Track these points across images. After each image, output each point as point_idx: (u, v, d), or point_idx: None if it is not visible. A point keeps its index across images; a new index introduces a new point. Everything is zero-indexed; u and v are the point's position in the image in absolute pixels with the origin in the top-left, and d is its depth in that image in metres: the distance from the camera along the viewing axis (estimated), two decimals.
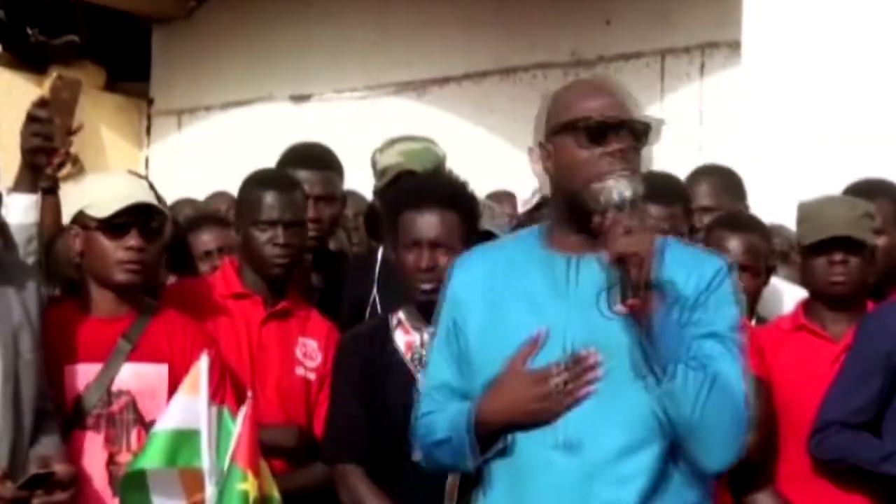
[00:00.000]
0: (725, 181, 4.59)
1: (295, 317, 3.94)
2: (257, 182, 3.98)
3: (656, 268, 2.55)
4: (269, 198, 3.87)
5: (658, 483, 2.60)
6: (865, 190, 4.15)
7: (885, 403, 3.74)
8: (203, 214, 4.97)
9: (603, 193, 2.60)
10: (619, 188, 2.60)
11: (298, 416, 3.86)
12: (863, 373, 3.76)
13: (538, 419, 2.63)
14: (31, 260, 3.65)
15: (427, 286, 3.51)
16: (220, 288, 3.95)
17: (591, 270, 2.66)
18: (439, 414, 2.80)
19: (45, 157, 3.67)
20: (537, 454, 2.64)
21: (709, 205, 4.42)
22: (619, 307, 2.52)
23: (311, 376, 3.89)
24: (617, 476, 2.58)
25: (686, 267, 2.66)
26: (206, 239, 4.49)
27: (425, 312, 3.57)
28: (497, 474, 2.72)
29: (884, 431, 3.74)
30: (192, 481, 3.31)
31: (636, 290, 2.51)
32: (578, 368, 2.60)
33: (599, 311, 2.59)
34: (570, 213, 2.72)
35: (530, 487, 2.64)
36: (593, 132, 2.67)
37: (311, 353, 3.90)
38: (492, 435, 2.69)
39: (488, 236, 4.07)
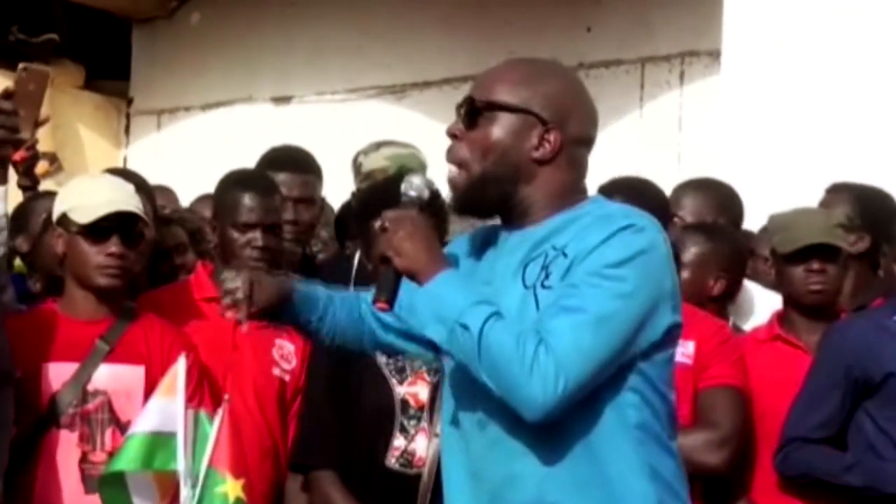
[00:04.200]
0: (709, 197, 4.51)
1: None
2: (236, 183, 3.98)
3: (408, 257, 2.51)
4: (249, 200, 3.87)
5: (558, 451, 2.45)
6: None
7: (847, 417, 3.74)
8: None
9: None
10: (405, 185, 2.66)
11: (274, 417, 3.85)
12: (824, 387, 3.74)
13: None
14: (0, 251, 3.64)
15: None
16: (194, 292, 3.94)
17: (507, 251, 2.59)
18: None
19: (11, 149, 3.64)
20: (452, 429, 2.59)
21: (692, 221, 4.32)
22: (378, 306, 2.57)
23: (287, 378, 3.88)
24: (512, 449, 2.47)
25: (594, 230, 2.47)
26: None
27: None
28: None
29: (849, 444, 3.75)
30: (166, 484, 3.30)
31: (388, 288, 2.54)
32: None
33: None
34: None
35: (448, 466, 2.62)
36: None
37: (287, 356, 3.88)
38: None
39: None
